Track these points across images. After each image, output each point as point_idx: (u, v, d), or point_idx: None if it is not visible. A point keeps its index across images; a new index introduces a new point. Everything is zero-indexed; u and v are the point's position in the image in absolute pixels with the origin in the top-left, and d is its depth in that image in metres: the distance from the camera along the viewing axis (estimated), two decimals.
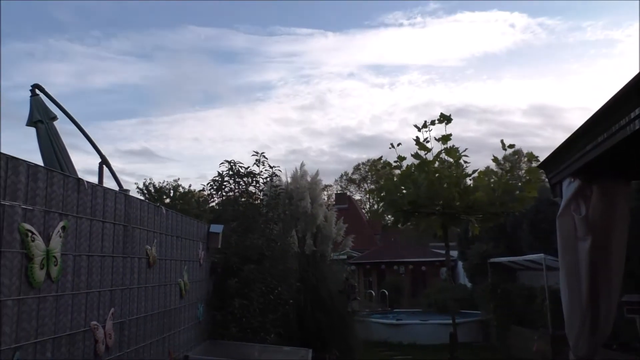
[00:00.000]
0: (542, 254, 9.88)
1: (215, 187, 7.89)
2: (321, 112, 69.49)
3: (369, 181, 52.02)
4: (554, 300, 9.72)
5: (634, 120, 2.27)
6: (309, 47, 65.23)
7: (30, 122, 4.20)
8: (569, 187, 3.33)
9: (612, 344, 7.53)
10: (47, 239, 2.79)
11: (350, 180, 56.90)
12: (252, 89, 70.81)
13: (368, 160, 52.44)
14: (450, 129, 8.44)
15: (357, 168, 56.16)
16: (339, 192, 48.16)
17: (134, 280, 3.95)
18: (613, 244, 3.46)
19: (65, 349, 2.97)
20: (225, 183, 7.90)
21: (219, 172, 7.91)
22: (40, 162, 3.47)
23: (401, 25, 62.50)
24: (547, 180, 3.79)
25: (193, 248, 5.66)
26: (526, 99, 65.60)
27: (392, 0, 60.92)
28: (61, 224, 2.93)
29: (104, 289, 3.43)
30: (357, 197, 52.50)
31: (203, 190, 7.91)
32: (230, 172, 7.93)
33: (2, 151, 2.50)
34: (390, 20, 63.48)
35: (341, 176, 57.34)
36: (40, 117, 4.18)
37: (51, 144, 4.12)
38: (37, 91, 4.33)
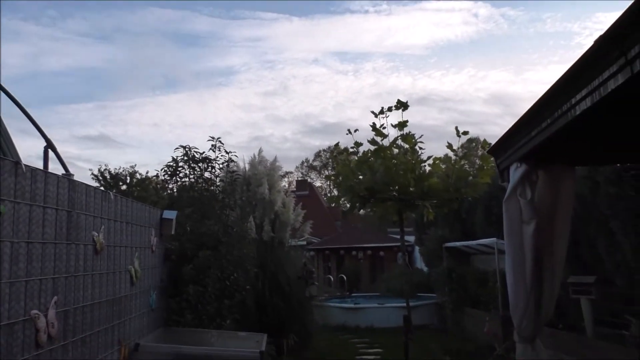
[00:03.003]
0: (494, 239, 10.16)
1: (169, 173, 7.71)
2: (284, 98, 69.16)
3: (329, 168, 52.23)
4: (505, 283, 10.03)
5: (575, 106, 2.32)
6: (273, 31, 64.62)
7: None
8: (515, 172, 3.40)
9: (558, 323, 7.85)
10: None
11: (311, 167, 57.01)
12: (214, 73, 69.71)
13: (329, 147, 52.56)
14: (411, 117, 8.53)
15: (318, 155, 56.29)
16: (299, 179, 48.14)
17: (80, 268, 3.81)
18: (557, 227, 3.57)
19: (3, 340, 2.85)
20: (179, 168, 7.73)
21: (173, 158, 7.74)
22: None
23: (367, 12, 62.68)
24: (495, 165, 3.87)
25: (144, 234, 5.52)
26: (487, 88, 67.06)
27: None
28: None
29: (46, 277, 3.30)
30: (317, 184, 52.67)
31: (157, 176, 7.72)
32: (185, 158, 7.77)
33: None
34: (355, 7, 63.57)
35: (302, 163, 57.37)
36: None
37: None
38: None
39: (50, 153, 4.39)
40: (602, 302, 7.71)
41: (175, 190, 7.79)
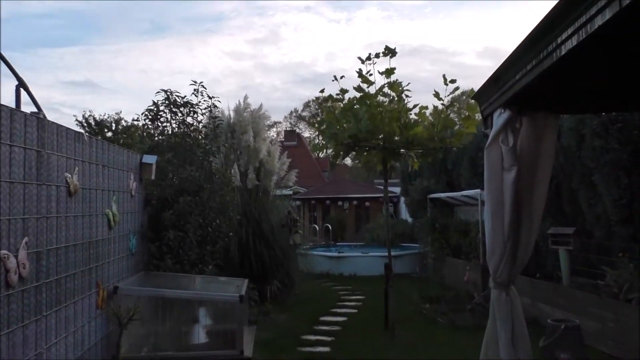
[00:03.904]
0: (478, 190, 10.20)
1: (150, 117, 7.54)
2: (275, 46, 67.64)
3: (318, 118, 51.88)
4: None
5: (561, 46, 2.21)
6: None
7: None
8: (499, 118, 3.32)
9: (535, 273, 8.01)
10: None
11: (300, 118, 56.47)
12: (203, 19, 67.73)
13: (318, 98, 52.01)
14: (404, 69, 8.34)
15: (307, 105, 55.64)
16: (288, 129, 47.77)
17: (52, 210, 3.73)
18: (537, 176, 3.53)
19: None
20: (161, 113, 7.55)
21: (154, 102, 7.54)
22: None
23: None
24: (480, 112, 3.78)
25: (123, 178, 5.42)
26: (481, 40, 65.98)
27: None
28: None
29: (15, 217, 3.21)
30: (306, 134, 52.35)
31: (137, 120, 7.55)
32: (167, 102, 7.57)
33: None
34: None
35: (291, 113, 56.78)
36: None
37: None
38: None
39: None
40: (580, 253, 7.86)
41: (156, 134, 7.63)
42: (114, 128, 25.55)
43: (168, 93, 7.61)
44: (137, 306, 4.06)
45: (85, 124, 25.38)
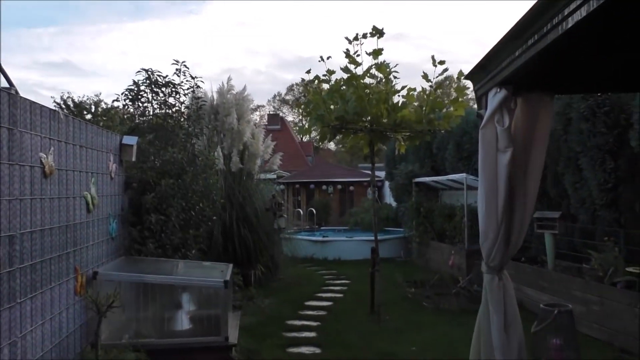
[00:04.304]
0: (464, 174, 10.18)
1: (130, 98, 7.28)
2: (258, 29, 66.68)
3: (304, 99, 51.35)
4: (472, 218, 10.17)
5: (567, 18, 2.09)
6: None
7: None
8: (494, 98, 3.20)
9: (520, 257, 8.02)
10: None
11: (284, 101, 56.01)
12: (185, 1, 66.33)
13: (303, 80, 51.51)
14: (390, 53, 8.17)
15: (290, 89, 55.16)
16: (271, 112, 47.33)
17: (26, 191, 3.54)
18: (532, 158, 3.44)
19: None
20: (141, 93, 7.30)
21: (134, 81, 7.28)
22: None
23: None
24: (473, 91, 3.66)
25: (102, 160, 5.22)
26: (468, 26, 65.66)
27: None
28: None
29: None
30: (289, 118, 51.96)
31: (117, 99, 7.28)
32: (148, 82, 7.32)
33: None
34: None
35: (274, 97, 56.27)
36: None
37: None
38: None
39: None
40: (565, 236, 7.88)
41: (136, 115, 7.39)
42: (93, 110, 24.98)
43: (149, 73, 7.35)
44: (116, 293, 3.89)
45: (63, 106, 24.76)
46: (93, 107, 25.24)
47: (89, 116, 24.51)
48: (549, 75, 3.27)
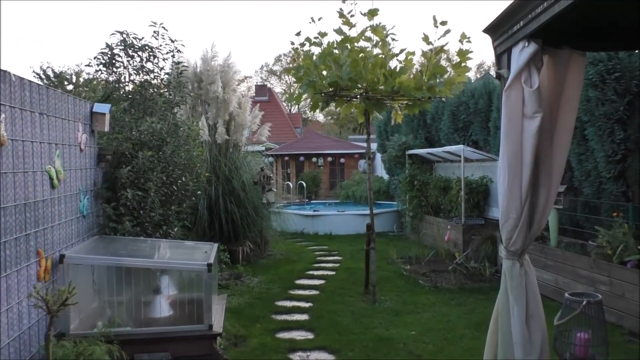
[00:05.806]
0: (461, 146, 9.72)
1: (104, 62, 6.66)
2: None
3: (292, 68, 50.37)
4: (469, 192, 9.78)
5: None
6: None
7: None
8: (521, 53, 2.71)
9: None
10: None
11: (271, 72, 54.92)
12: None
13: (292, 44, 50.52)
14: (387, 13, 7.58)
15: (278, 59, 54.02)
16: (259, 83, 46.34)
17: None
18: (559, 125, 2.98)
19: None
20: (116, 57, 6.68)
21: (107, 44, 6.65)
22: None
23: None
24: (493, 47, 3.16)
25: (68, 130, 4.66)
26: None
27: None
28: None
29: None
30: (277, 89, 51.01)
31: (89, 64, 6.65)
32: (123, 45, 6.70)
33: None
34: None
35: (262, 67, 55.11)
36: None
37: None
38: None
39: None
40: (568, 211, 7.50)
41: (112, 82, 6.78)
42: (74, 81, 24.03)
43: (124, 35, 6.73)
44: (72, 287, 3.39)
45: (43, 76, 23.78)
46: (74, 77, 24.30)
47: (70, 87, 23.59)
48: (583, 27, 2.79)
